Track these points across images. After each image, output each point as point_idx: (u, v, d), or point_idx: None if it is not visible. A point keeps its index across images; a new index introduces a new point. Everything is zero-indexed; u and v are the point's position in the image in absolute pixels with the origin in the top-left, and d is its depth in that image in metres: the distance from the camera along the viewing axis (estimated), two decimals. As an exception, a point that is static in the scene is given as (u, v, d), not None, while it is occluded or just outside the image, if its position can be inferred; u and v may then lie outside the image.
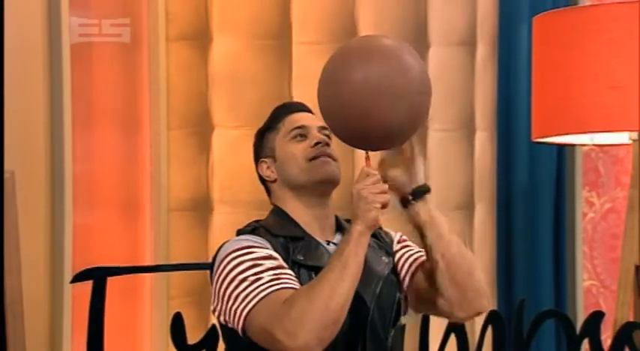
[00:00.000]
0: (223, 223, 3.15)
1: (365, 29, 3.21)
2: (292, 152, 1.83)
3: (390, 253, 1.88)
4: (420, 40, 3.25)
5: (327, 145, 1.84)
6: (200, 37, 3.16)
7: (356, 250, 1.65)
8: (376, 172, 1.70)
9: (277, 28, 3.18)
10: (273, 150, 1.86)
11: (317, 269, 1.71)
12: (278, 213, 1.84)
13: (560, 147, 3.45)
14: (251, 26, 3.17)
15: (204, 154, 3.18)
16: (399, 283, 1.86)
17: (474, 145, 3.38)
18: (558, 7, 3.24)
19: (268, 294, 1.65)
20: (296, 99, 3.04)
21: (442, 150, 3.31)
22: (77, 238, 2.98)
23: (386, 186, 1.69)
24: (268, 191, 1.90)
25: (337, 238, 1.84)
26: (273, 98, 3.08)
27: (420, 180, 1.80)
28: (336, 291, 1.60)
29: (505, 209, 3.45)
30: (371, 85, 1.62)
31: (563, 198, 3.49)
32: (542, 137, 2.93)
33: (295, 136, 1.85)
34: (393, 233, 1.95)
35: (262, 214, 1.88)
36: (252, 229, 1.79)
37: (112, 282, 2.37)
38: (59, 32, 2.94)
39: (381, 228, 1.91)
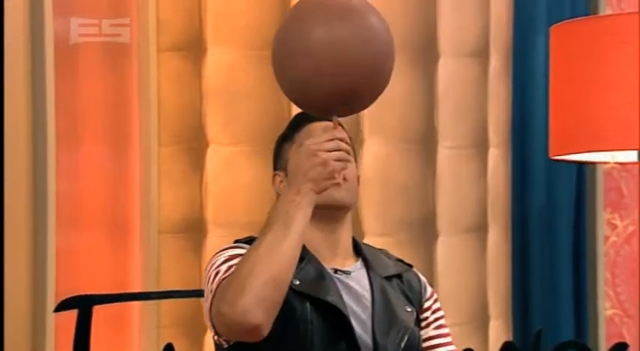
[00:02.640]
0: (218, 247, 2.99)
1: None
2: None
3: (414, 304, 1.79)
4: (429, 51, 3.25)
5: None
6: (193, 47, 3.17)
7: (302, 213, 1.60)
8: (342, 138, 1.64)
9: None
10: (287, 162, 1.81)
11: (312, 299, 1.66)
12: None
13: (580, 165, 3.45)
14: (248, 36, 3.16)
15: (197, 172, 3.18)
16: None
17: (487, 164, 3.38)
18: (577, 17, 3.23)
19: (223, 278, 1.63)
20: (295, 113, 3.06)
21: (452, 169, 3.31)
22: (60, 262, 2.98)
23: (344, 154, 1.63)
24: None
25: (353, 265, 1.77)
26: (271, 113, 3.08)
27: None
28: (277, 250, 1.57)
29: (521, 232, 3.46)
30: (335, 46, 1.58)
31: (583, 220, 3.51)
32: (561, 155, 2.94)
33: None
34: (424, 281, 1.85)
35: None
36: (249, 239, 1.75)
37: (98, 311, 2.38)
38: (42, 38, 2.95)
39: (410, 266, 1.85)
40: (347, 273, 1.74)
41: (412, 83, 3.22)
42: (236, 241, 1.80)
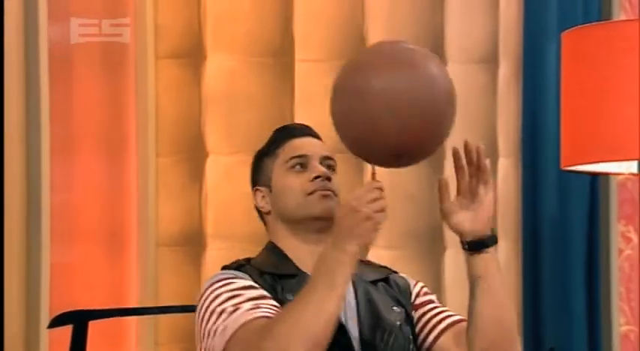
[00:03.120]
0: (218, 260, 3.03)
1: None
2: (290, 185, 1.85)
3: (403, 304, 1.87)
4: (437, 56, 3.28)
5: (329, 179, 1.84)
6: (193, 55, 3.18)
7: (346, 272, 1.65)
8: (380, 186, 1.68)
9: (278, 45, 3.21)
10: (269, 179, 1.88)
11: None
12: (270, 249, 1.86)
13: (593, 176, 3.43)
14: (249, 42, 3.18)
15: (196, 183, 3.19)
16: (415, 339, 1.85)
17: (497, 175, 3.37)
18: (590, 22, 3.24)
19: (245, 323, 1.66)
20: (298, 122, 3.06)
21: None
22: (55, 276, 2.98)
23: (385, 202, 1.68)
24: (264, 222, 1.92)
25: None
26: (273, 121, 3.07)
27: (485, 225, 1.77)
28: (321, 311, 1.61)
29: (531, 246, 3.43)
30: (393, 96, 1.62)
31: (596, 233, 3.49)
32: (573, 165, 2.92)
33: (294, 166, 1.86)
34: (410, 280, 1.94)
35: (260, 249, 1.88)
36: (238, 265, 1.81)
37: (93, 326, 2.38)
38: (36, 43, 2.96)
39: (396, 272, 1.92)
40: None
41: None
42: (224, 268, 1.83)
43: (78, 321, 2.37)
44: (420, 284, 1.94)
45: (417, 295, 1.91)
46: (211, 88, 3.17)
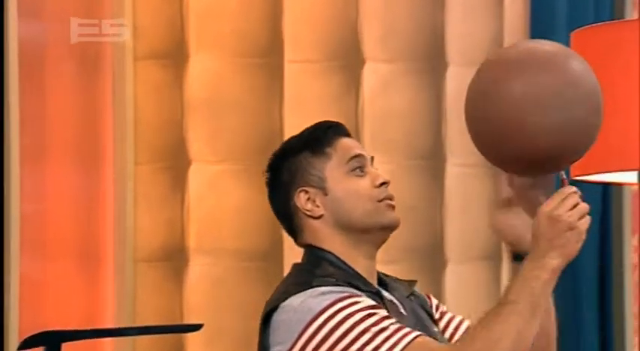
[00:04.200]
0: (201, 277, 3.14)
1: (370, 45, 3.21)
2: (356, 189, 1.82)
3: (433, 318, 1.90)
4: (436, 59, 3.27)
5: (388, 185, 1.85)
6: (174, 55, 3.18)
7: (548, 290, 1.65)
8: (576, 191, 1.68)
9: (266, 44, 3.19)
10: (323, 180, 1.83)
11: None
12: (330, 259, 1.80)
13: (605, 186, 3.45)
14: (235, 42, 3.17)
15: (178, 193, 3.18)
16: None
17: (501, 183, 3.35)
18: (601, 21, 3.27)
19: (410, 341, 1.65)
20: (288, 128, 3.08)
21: (462, 188, 3.32)
22: (24, 294, 2.97)
23: (587, 207, 1.67)
24: (294, 228, 1.86)
25: (385, 294, 1.83)
26: (260, 127, 3.10)
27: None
28: (523, 337, 1.62)
29: None
30: (532, 98, 1.63)
31: (608, 246, 3.50)
32: (583, 175, 2.90)
33: (354, 169, 1.83)
34: (425, 296, 1.94)
35: (249, 265, 1.89)
36: (335, 280, 1.75)
37: (66, 348, 2.33)
38: (6, 44, 2.96)
39: (414, 282, 1.93)
40: (391, 301, 1.82)
41: (418, 94, 3.25)
42: (304, 287, 1.75)
43: (50, 343, 2.32)
44: (435, 300, 1.96)
45: (436, 309, 1.93)
46: (194, 90, 3.17)
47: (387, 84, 3.27)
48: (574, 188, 1.68)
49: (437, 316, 1.91)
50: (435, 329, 1.85)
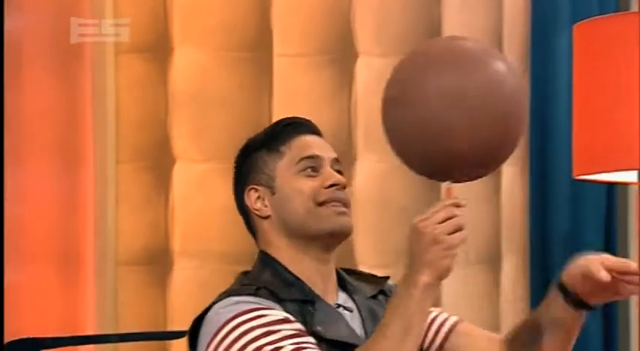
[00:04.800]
0: (186, 281, 3.13)
1: (363, 38, 3.19)
2: (300, 189, 1.80)
3: None
4: None
5: (344, 187, 1.81)
6: (158, 49, 3.18)
7: (422, 308, 1.63)
8: (456, 203, 1.67)
9: (254, 37, 3.19)
10: (272, 179, 1.82)
11: (338, 344, 1.71)
12: (274, 266, 1.78)
13: (610, 186, 3.45)
14: (222, 34, 3.17)
15: (162, 193, 3.17)
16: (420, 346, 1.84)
17: (501, 184, 3.36)
18: (606, 13, 3.28)
19: None
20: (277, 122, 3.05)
21: (460, 189, 3.25)
22: (3, 299, 2.95)
23: (462, 220, 1.66)
24: (253, 228, 1.85)
25: (342, 297, 1.83)
26: (248, 124, 3.05)
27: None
28: None
29: (541, 262, 3.44)
30: (452, 98, 1.62)
31: (613, 249, 3.48)
32: (587, 174, 2.90)
33: (305, 169, 1.81)
34: None
35: (236, 268, 1.84)
36: (256, 288, 1.73)
37: None
38: None
39: (387, 278, 1.91)
40: (350, 310, 1.81)
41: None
42: (230, 294, 1.74)
43: (29, 350, 2.34)
44: None
45: None
46: (179, 85, 3.16)
47: (382, 79, 3.18)
48: (454, 201, 1.67)
49: None
50: None
